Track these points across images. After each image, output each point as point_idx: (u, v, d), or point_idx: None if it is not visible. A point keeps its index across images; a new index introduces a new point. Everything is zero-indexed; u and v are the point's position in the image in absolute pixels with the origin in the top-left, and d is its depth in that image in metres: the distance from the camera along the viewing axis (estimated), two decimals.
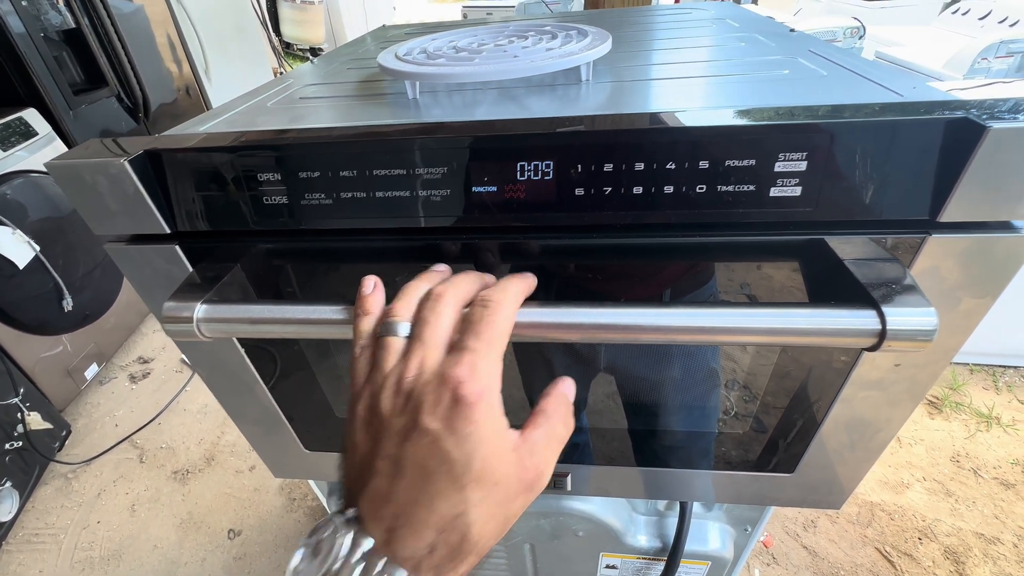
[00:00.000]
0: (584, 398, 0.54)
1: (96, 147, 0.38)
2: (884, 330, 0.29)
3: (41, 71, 1.70)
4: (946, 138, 0.30)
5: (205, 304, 0.36)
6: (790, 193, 0.32)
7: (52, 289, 1.64)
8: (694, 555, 0.72)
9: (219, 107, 0.52)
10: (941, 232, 0.33)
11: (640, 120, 0.33)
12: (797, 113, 0.32)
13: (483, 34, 0.58)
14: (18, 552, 1.48)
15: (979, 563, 1.30)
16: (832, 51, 0.51)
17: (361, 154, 0.35)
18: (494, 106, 0.45)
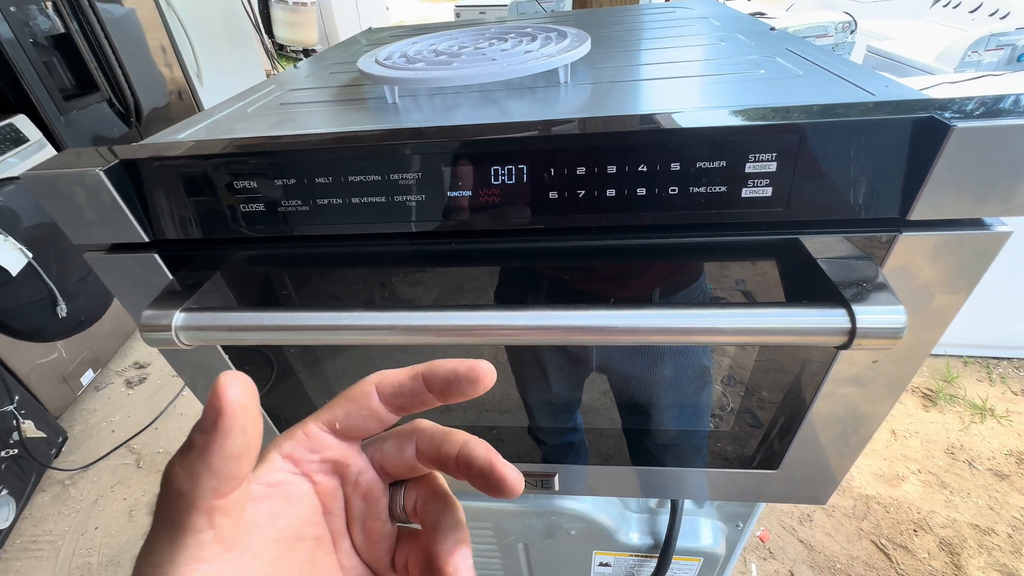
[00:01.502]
0: (578, 398, 0.54)
1: (72, 157, 0.38)
2: (854, 328, 0.30)
3: (31, 77, 1.69)
4: (913, 137, 0.30)
5: (184, 312, 0.37)
6: (761, 194, 0.33)
7: (46, 296, 1.64)
8: (686, 552, 0.73)
9: (201, 113, 0.52)
10: (912, 230, 0.33)
11: (611, 124, 0.33)
12: (766, 114, 0.32)
13: (463, 37, 0.58)
14: (16, 560, 1.49)
15: (974, 554, 1.31)
16: (810, 50, 0.51)
17: (336, 160, 0.35)
18: (472, 110, 0.45)
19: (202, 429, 0.18)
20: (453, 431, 0.24)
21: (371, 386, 0.23)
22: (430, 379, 0.23)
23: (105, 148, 0.39)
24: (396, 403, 0.23)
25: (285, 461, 0.22)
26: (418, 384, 0.23)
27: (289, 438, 0.23)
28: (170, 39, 2.40)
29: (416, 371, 0.23)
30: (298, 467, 0.23)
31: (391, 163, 0.35)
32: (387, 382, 0.23)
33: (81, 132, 1.90)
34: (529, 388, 0.53)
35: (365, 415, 0.23)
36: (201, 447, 0.18)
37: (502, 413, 0.56)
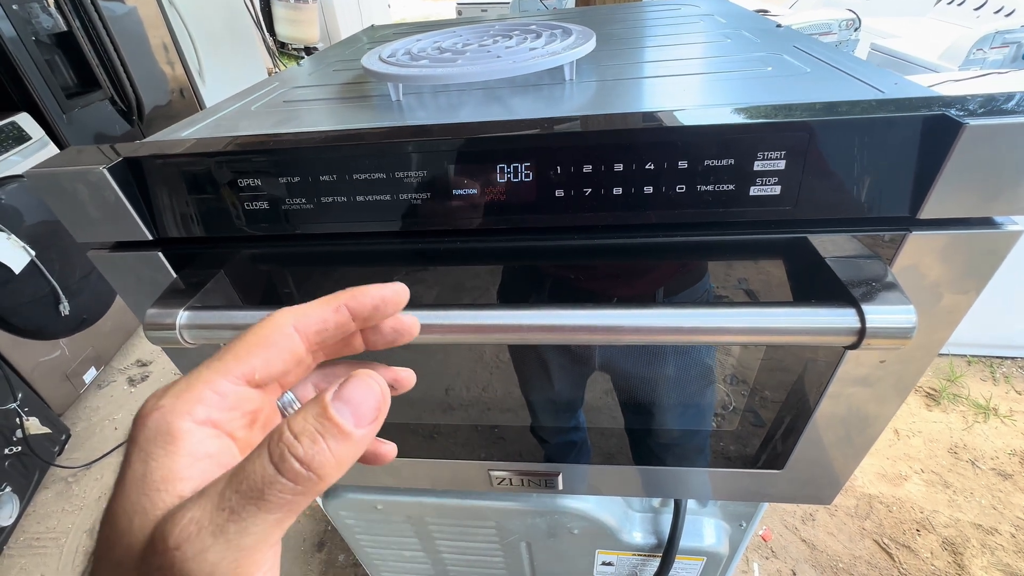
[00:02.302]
0: (580, 397, 0.54)
1: (75, 155, 0.37)
2: (863, 328, 0.29)
3: (33, 75, 1.69)
4: (924, 135, 0.29)
5: (188, 311, 0.36)
6: (770, 192, 0.32)
7: (48, 293, 1.64)
8: (689, 551, 0.72)
9: (204, 110, 0.52)
10: (921, 229, 0.33)
11: (617, 121, 0.33)
12: (775, 112, 0.32)
13: (467, 34, 0.58)
14: (20, 557, 1.49)
15: (977, 554, 1.31)
16: (817, 47, 0.51)
17: (340, 158, 0.35)
18: (477, 107, 0.45)
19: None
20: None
21: (289, 327, 0.20)
22: (356, 309, 0.21)
23: (108, 146, 0.38)
24: (318, 340, 0.21)
25: (204, 427, 0.19)
26: (343, 316, 0.21)
27: (199, 402, 0.19)
28: (172, 37, 2.40)
29: (337, 303, 0.21)
30: (220, 429, 0.19)
31: (395, 161, 0.35)
32: (309, 321, 0.21)
33: (83, 130, 1.90)
34: (532, 387, 0.53)
35: (287, 359, 0.21)
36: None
37: (504, 412, 0.56)
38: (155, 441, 0.18)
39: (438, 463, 0.60)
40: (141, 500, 0.17)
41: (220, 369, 0.20)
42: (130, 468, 0.18)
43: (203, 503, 0.16)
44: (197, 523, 0.15)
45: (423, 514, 0.74)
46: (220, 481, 0.16)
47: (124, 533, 0.16)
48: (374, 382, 0.18)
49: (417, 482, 0.64)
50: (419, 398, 0.55)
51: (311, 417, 0.17)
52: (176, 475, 0.17)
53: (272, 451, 0.16)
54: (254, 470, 0.16)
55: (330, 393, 0.17)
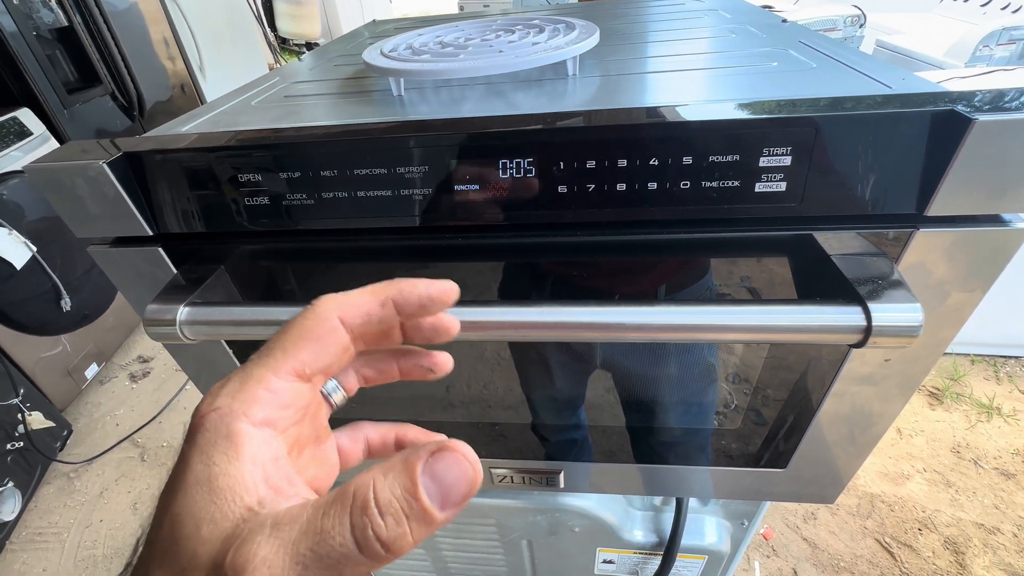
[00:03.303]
0: (582, 395, 0.54)
1: (75, 149, 0.37)
2: (869, 326, 0.29)
3: (34, 70, 1.69)
4: (932, 131, 0.29)
5: (188, 306, 0.36)
6: (775, 188, 0.32)
7: (50, 289, 1.65)
8: (691, 549, 0.72)
9: (204, 105, 0.52)
10: (929, 226, 0.32)
11: (621, 116, 0.33)
12: (781, 107, 0.31)
13: (470, 29, 0.58)
14: (22, 551, 1.50)
15: (979, 553, 1.31)
16: (823, 42, 0.50)
17: (341, 153, 0.35)
18: (479, 102, 0.44)
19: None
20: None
21: (334, 318, 0.20)
22: (402, 304, 0.21)
23: (108, 140, 0.38)
24: (362, 331, 0.21)
25: (261, 428, 0.19)
26: (388, 311, 0.21)
27: (254, 402, 0.19)
28: (173, 32, 2.39)
29: (384, 295, 0.21)
30: (275, 429, 0.19)
31: (397, 156, 0.34)
32: (353, 312, 0.20)
33: (84, 125, 1.90)
34: (533, 385, 0.53)
35: (335, 352, 0.20)
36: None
37: (505, 410, 0.55)
38: (216, 445, 0.17)
39: None
40: (209, 507, 0.16)
41: (271, 366, 0.19)
42: (190, 470, 0.17)
43: (277, 546, 0.15)
44: (270, 567, 0.15)
45: None
46: (295, 524, 0.16)
47: (190, 539, 0.16)
48: (469, 465, 0.16)
49: None
50: (420, 396, 0.55)
51: (399, 490, 0.16)
52: (241, 483, 0.17)
53: (355, 523, 0.15)
54: (333, 536, 0.15)
55: (420, 465, 0.16)
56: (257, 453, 0.18)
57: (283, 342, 0.20)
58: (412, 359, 0.26)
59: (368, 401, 0.55)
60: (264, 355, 0.20)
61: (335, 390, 0.25)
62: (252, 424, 0.18)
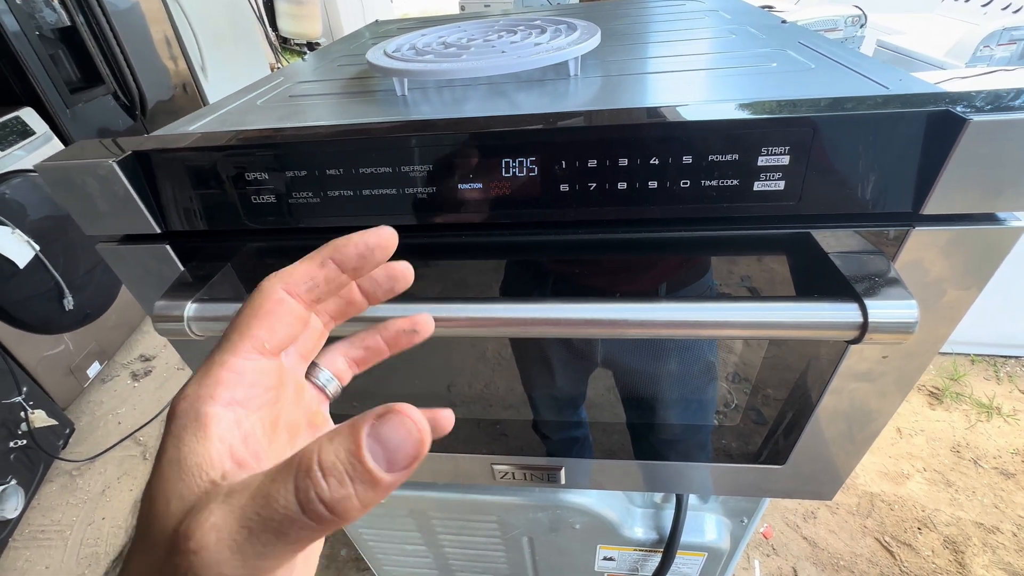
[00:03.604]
0: (583, 393, 0.54)
1: (85, 148, 0.38)
2: (866, 323, 0.29)
3: (37, 70, 1.70)
4: (927, 131, 0.30)
5: (195, 303, 0.37)
6: (774, 187, 0.32)
7: (53, 288, 1.65)
8: (691, 546, 0.73)
9: (210, 105, 0.52)
10: (925, 224, 0.33)
11: (622, 116, 0.33)
12: (779, 107, 0.32)
13: (472, 29, 0.58)
14: (24, 549, 1.50)
15: (978, 552, 1.31)
16: (822, 43, 0.51)
17: (346, 152, 0.35)
18: (482, 102, 0.45)
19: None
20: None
21: (279, 292, 0.21)
22: (341, 260, 0.21)
23: (116, 140, 0.39)
24: (312, 297, 0.22)
25: (230, 409, 0.19)
26: (331, 270, 0.22)
27: (218, 384, 0.19)
28: (175, 32, 2.40)
29: (320, 257, 0.22)
30: (246, 408, 0.20)
31: (401, 155, 0.35)
32: (295, 280, 0.21)
33: (86, 125, 1.90)
34: (534, 383, 0.54)
35: (290, 322, 0.21)
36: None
37: (506, 408, 0.56)
38: (186, 428, 0.18)
39: (440, 457, 0.61)
40: (177, 485, 0.17)
41: (229, 349, 0.20)
42: (164, 453, 0.18)
43: (227, 511, 0.16)
44: (218, 531, 0.15)
45: (425, 508, 0.74)
46: (245, 490, 0.16)
47: (161, 515, 0.17)
48: (414, 425, 0.16)
49: (419, 476, 0.65)
50: (421, 393, 0.56)
51: (343, 452, 0.16)
52: (207, 460, 0.18)
53: (299, 485, 0.15)
54: (278, 499, 0.15)
55: (366, 428, 0.16)
56: (225, 431, 0.19)
57: (237, 325, 0.21)
58: (392, 327, 0.27)
59: (368, 398, 0.56)
60: (223, 341, 0.21)
61: (329, 380, 0.26)
62: (221, 405, 0.19)
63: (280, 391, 0.22)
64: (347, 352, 0.27)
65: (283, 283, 0.21)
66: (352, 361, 0.27)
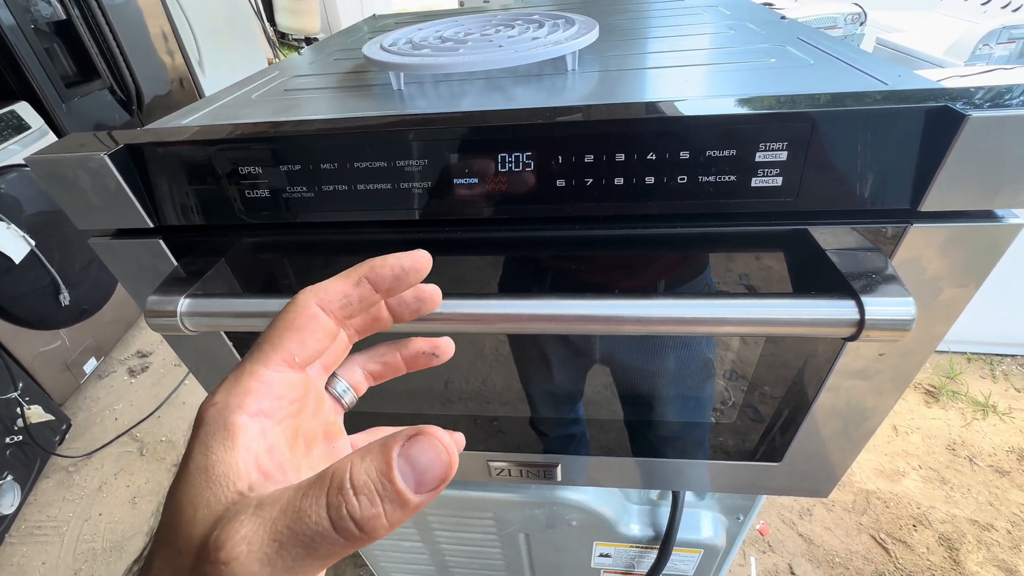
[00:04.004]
0: (580, 390, 0.54)
1: (76, 141, 0.37)
2: (862, 320, 0.29)
3: (32, 63, 1.69)
4: (926, 127, 0.29)
5: (189, 298, 0.36)
6: (771, 183, 0.32)
7: (49, 284, 1.65)
8: (687, 543, 0.73)
9: (204, 99, 0.52)
10: (922, 221, 0.33)
11: (620, 111, 0.33)
12: (777, 103, 0.31)
13: (469, 24, 0.58)
14: (21, 544, 1.50)
15: (973, 549, 1.32)
16: (821, 39, 0.50)
17: (341, 147, 0.35)
18: (479, 97, 0.45)
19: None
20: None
21: (313, 307, 0.21)
22: (376, 280, 0.22)
23: (109, 133, 0.38)
24: (344, 314, 0.22)
25: (257, 419, 0.20)
26: (365, 289, 0.22)
27: (247, 394, 0.20)
28: (171, 26, 2.38)
29: (357, 276, 0.22)
30: (272, 419, 0.20)
31: (396, 150, 0.35)
32: (330, 297, 0.22)
33: (82, 119, 1.89)
34: (532, 379, 0.53)
35: (320, 338, 0.22)
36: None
37: (504, 404, 0.56)
38: (215, 436, 0.18)
39: None
40: (204, 493, 0.17)
41: (261, 359, 0.20)
42: (192, 460, 0.18)
43: (258, 524, 0.16)
44: (249, 544, 0.16)
45: None
46: (276, 504, 0.16)
47: (188, 522, 0.17)
48: (444, 449, 0.17)
49: None
50: (419, 390, 0.56)
51: (374, 472, 0.16)
52: (235, 470, 0.18)
53: (331, 502, 0.16)
54: (309, 515, 0.16)
55: (397, 448, 0.16)
56: (252, 442, 0.19)
57: (270, 336, 0.21)
58: (413, 347, 0.27)
59: (368, 396, 0.56)
60: (254, 351, 0.21)
61: (346, 391, 0.26)
62: (248, 415, 0.19)
63: (303, 403, 0.22)
64: (365, 365, 0.27)
65: (318, 298, 0.21)
66: (369, 374, 0.27)
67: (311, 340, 0.21)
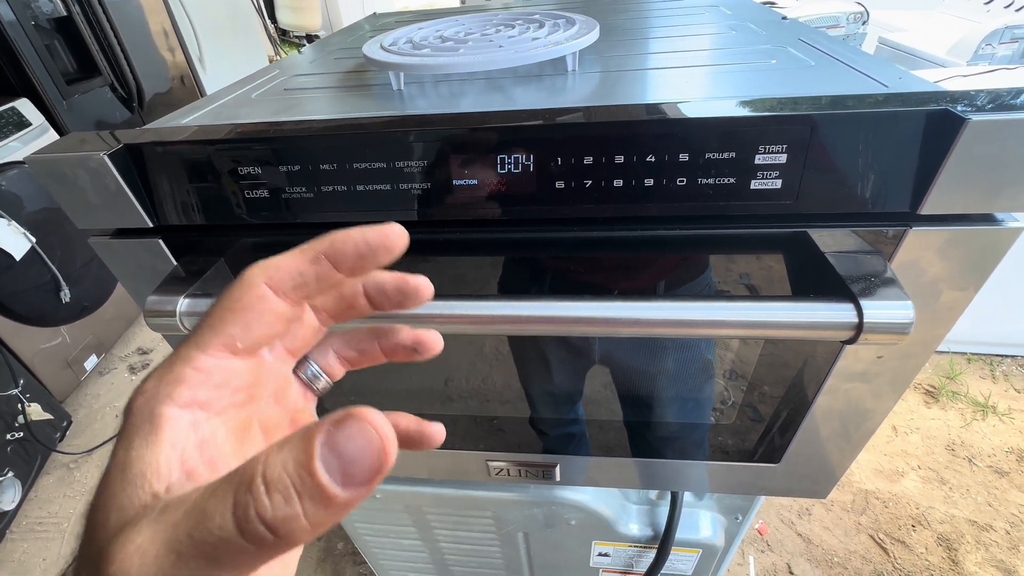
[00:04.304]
0: (580, 390, 0.54)
1: (76, 141, 0.37)
2: (861, 323, 0.29)
3: (33, 60, 1.68)
4: (926, 130, 0.29)
5: (188, 298, 0.36)
6: (771, 186, 0.32)
7: (49, 280, 1.65)
8: (685, 543, 0.73)
9: (204, 98, 0.52)
10: (922, 225, 0.33)
11: (620, 112, 0.33)
12: (777, 105, 0.31)
13: (470, 23, 0.58)
14: (22, 540, 1.51)
15: (971, 550, 1.32)
16: (822, 40, 0.50)
17: (341, 147, 0.35)
18: (479, 97, 0.45)
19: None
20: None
21: (261, 286, 0.18)
22: (337, 257, 0.19)
23: (109, 132, 0.38)
24: (299, 294, 0.19)
25: (190, 410, 0.17)
26: (324, 267, 0.19)
27: (179, 383, 0.17)
28: (172, 23, 2.38)
29: (314, 252, 0.19)
30: (208, 410, 0.18)
31: (396, 150, 0.35)
32: (281, 275, 0.19)
33: (83, 117, 1.89)
34: (531, 379, 0.53)
35: (269, 321, 0.19)
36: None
37: (503, 404, 0.56)
38: (138, 429, 0.16)
39: (436, 452, 0.61)
40: (119, 496, 0.15)
41: (198, 343, 0.18)
42: (114, 457, 0.16)
43: (155, 531, 0.14)
44: (143, 555, 0.13)
45: (421, 503, 0.75)
46: (181, 506, 0.14)
47: (100, 528, 0.15)
48: (375, 433, 0.14)
49: (415, 471, 0.65)
50: (418, 389, 0.56)
51: (291, 464, 0.13)
52: (154, 468, 0.16)
53: (237, 501, 0.13)
54: (212, 517, 0.13)
55: (320, 436, 0.13)
56: (179, 436, 0.16)
57: (210, 319, 0.18)
58: (394, 338, 0.24)
59: (364, 394, 0.56)
60: (192, 334, 0.18)
61: (317, 376, 0.24)
62: (178, 406, 0.17)
63: (255, 391, 0.20)
64: (340, 349, 0.24)
65: (267, 276, 0.18)
66: (344, 360, 0.24)
67: (256, 324, 0.18)
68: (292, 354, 0.22)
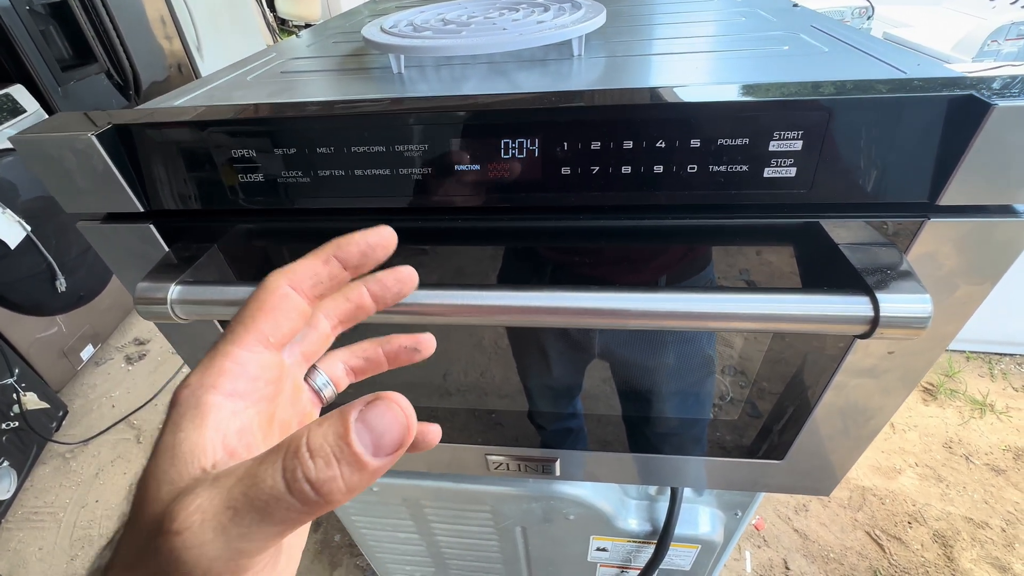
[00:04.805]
0: (579, 384, 0.53)
1: (63, 121, 0.36)
2: (877, 317, 0.28)
3: (28, 46, 1.66)
4: (949, 117, 0.28)
5: (180, 285, 0.35)
6: (784, 174, 0.31)
7: (45, 269, 1.63)
8: (684, 539, 0.73)
9: (198, 80, 0.50)
10: (940, 216, 0.31)
11: (628, 96, 0.32)
12: (793, 90, 0.30)
13: (473, 6, 0.56)
14: (18, 530, 1.50)
15: (967, 547, 1.32)
16: (835, 27, 0.49)
17: (338, 130, 0.34)
18: (481, 81, 0.43)
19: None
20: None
21: (284, 288, 0.22)
22: (344, 258, 0.23)
23: (99, 113, 0.37)
24: (315, 293, 0.23)
25: (232, 400, 0.20)
26: (334, 266, 0.23)
27: (221, 374, 0.20)
28: (170, 11, 2.34)
29: (325, 254, 0.23)
30: (245, 400, 0.20)
31: (396, 134, 0.33)
32: (300, 276, 0.22)
33: (79, 104, 1.86)
34: (530, 373, 0.53)
35: (294, 317, 0.22)
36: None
37: (502, 397, 0.55)
38: (185, 415, 0.19)
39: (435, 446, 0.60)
40: (169, 471, 0.17)
41: (234, 340, 0.21)
42: (161, 440, 0.19)
43: (213, 493, 0.16)
44: (203, 512, 0.16)
45: (419, 497, 0.74)
46: (233, 474, 0.16)
47: (152, 500, 0.17)
48: (401, 412, 0.17)
49: (414, 464, 0.64)
50: (417, 382, 0.55)
51: (331, 435, 0.16)
52: (201, 448, 0.18)
53: (286, 465, 0.16)
54: (264, 479, 0.16)
55: (354, 413, 0.16)
56: (222, 421, 0.19)
57: (242, 318, 0.21)
58: (395, 342, 0.28)
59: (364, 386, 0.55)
60: (227, 332, 0.21)
61: (326, 384, 0.27)
62: (222, 395, 0.19)
63: (280, 386, 0.22)
64: (347, 360, 0.27)
65: (287, 279, 0.22)
66: (350, 369, 0.28)
67: (284, 320, 0.22)
68: (306, 359, 0.25)
